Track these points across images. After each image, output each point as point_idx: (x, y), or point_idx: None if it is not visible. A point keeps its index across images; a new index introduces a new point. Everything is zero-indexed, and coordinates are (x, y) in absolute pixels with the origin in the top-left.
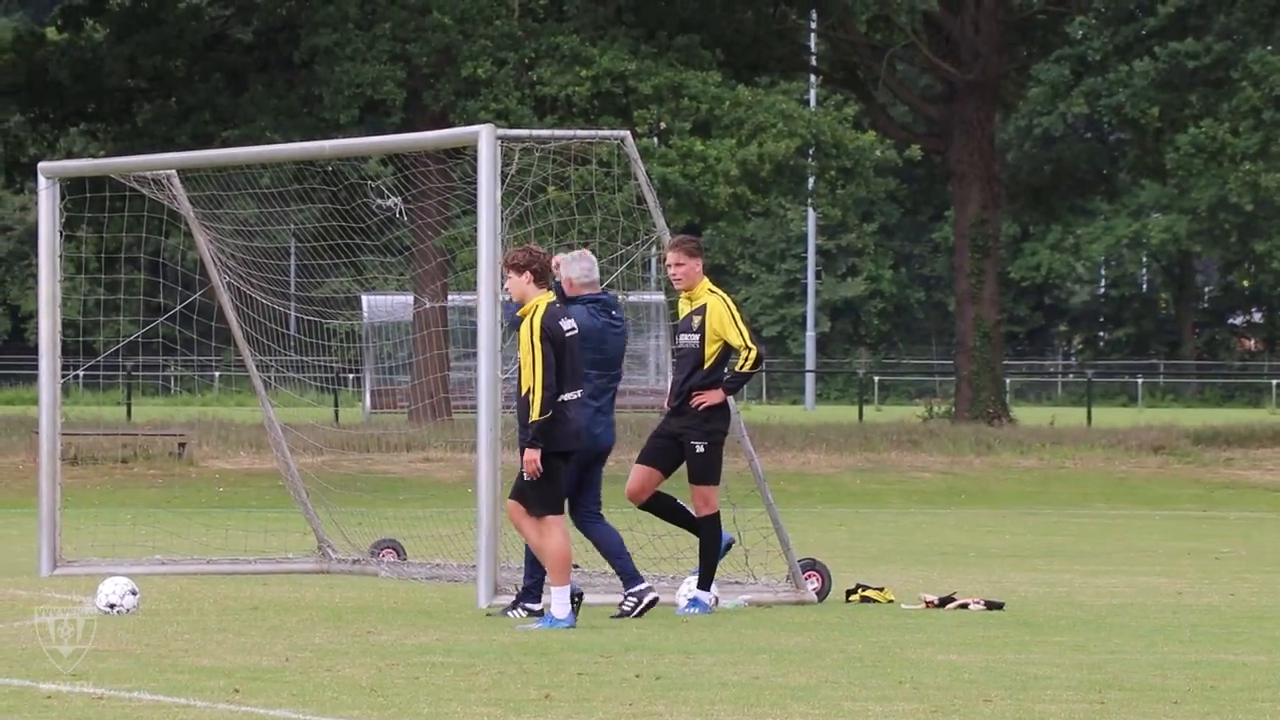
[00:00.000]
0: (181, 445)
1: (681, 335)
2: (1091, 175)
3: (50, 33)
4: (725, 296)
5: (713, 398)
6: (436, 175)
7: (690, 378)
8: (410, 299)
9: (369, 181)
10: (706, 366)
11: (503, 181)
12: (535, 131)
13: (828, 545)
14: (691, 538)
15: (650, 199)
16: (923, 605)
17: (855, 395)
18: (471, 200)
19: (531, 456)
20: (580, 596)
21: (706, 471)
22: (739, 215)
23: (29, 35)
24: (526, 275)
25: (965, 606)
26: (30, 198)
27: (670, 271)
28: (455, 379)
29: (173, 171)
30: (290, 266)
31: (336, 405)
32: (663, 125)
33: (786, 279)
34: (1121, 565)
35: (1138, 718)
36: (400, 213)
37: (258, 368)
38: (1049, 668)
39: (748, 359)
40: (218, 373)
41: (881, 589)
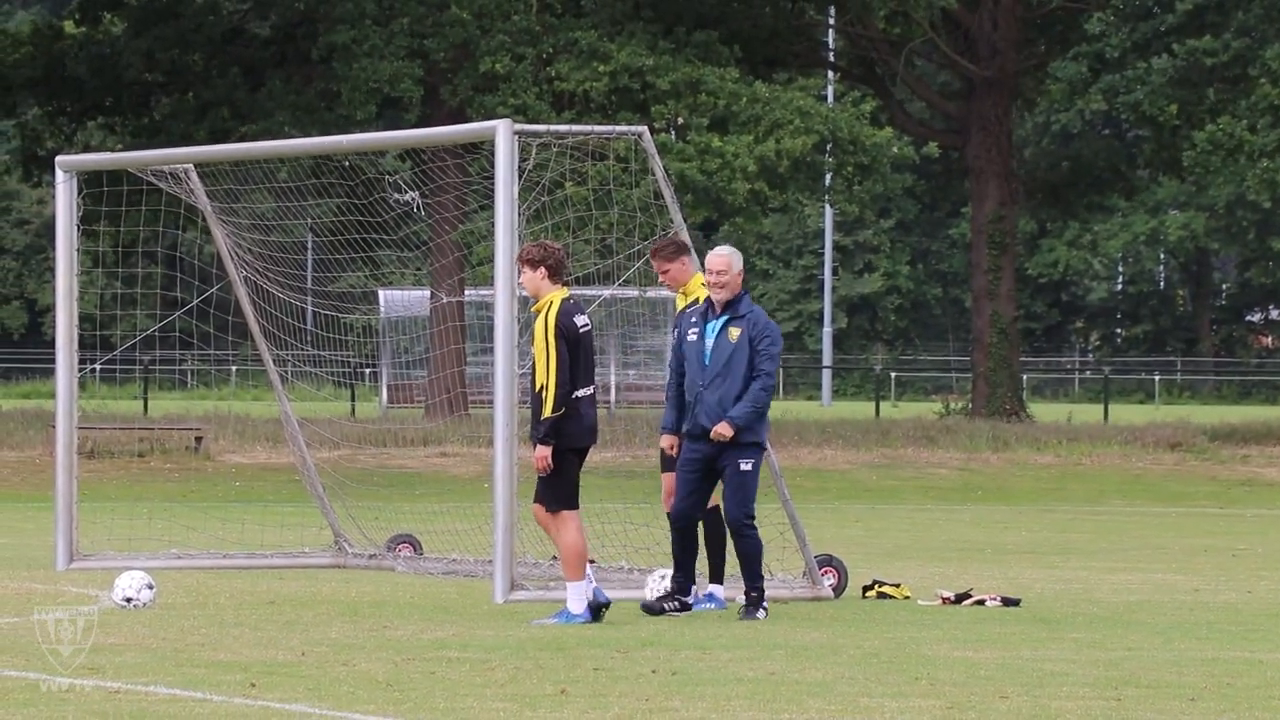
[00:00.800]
0: (198, 439)
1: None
2: (1109, 172)
3: (68, 26)
4: None
5: None
6: (454, 170)
7: None
8: (427, 294)
9: (386, 176)
10: None
11: (520, 176)
12: (553, 127)
13: (844, 541)
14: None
15: (667, 194)
16: (939, 602)
17: (872, 391)
18: (489, 195)
19: (542, 453)
20: (607, 606)
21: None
22: (756, 211)
23: (47, 29)
24: (541, 270)
25: (982, 603)
26: (48, 191)
27: (660, 279)
28: (472, 374)
29: (190, 166)
30: (307, 261)
31: (353, 400)
32: (680, 121)
33: (803, 275)
34: (1138, 562)
35: (1154, 714)
36: (417, 207)
37: (275, 362)
38: (1065, 664)
39: None
40: (234, 367)
41: (898, 585)
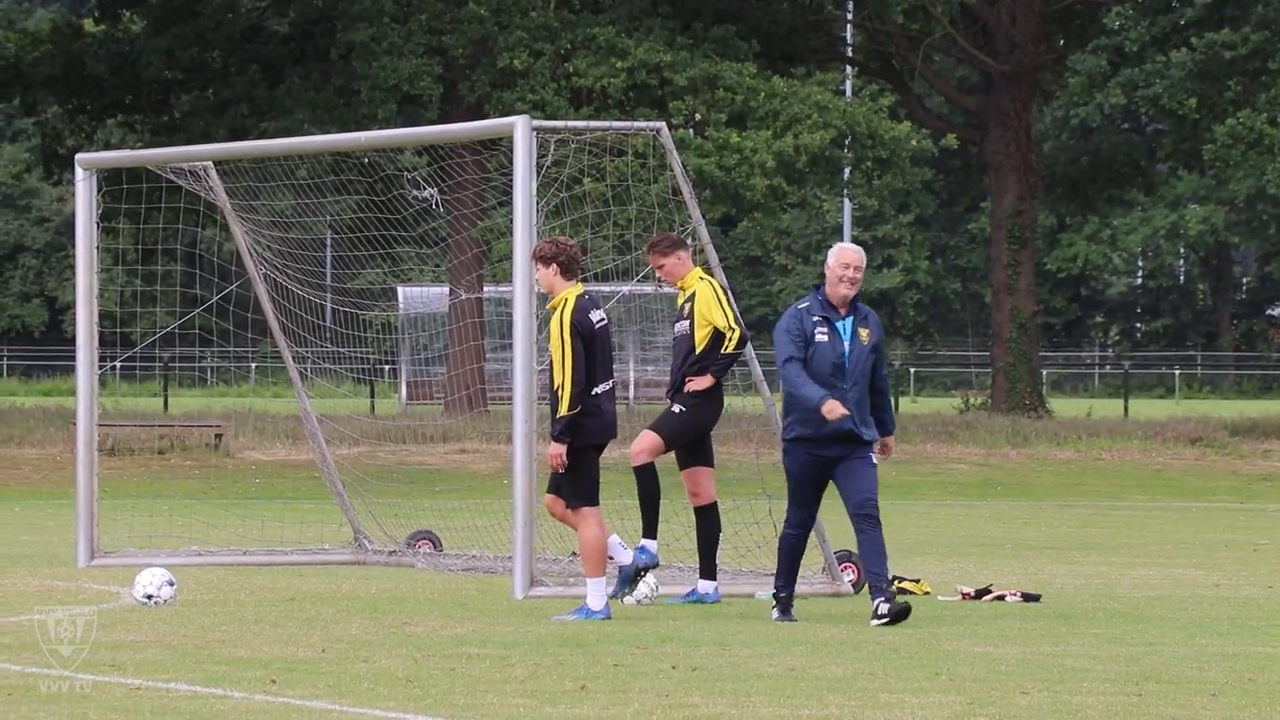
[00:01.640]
0: (218, 436)
1: (676, 324)
2: (1129, 166)
3: (88, 24)
4: (713, 281)
5: (702, 383)
6: (472, 166)
7: (684, 364)
8: (446, 290)
9: (405, 173)
10: (699, 351)
11: (538, 173)
12: (571, 123)
13: None
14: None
15: (686, 190)
16: (959, 597)
17: (891, 387)
18: (507, 191)
19: (556, 450)
20: (650, 567)
21: (667, 425)
22: (775, 206)
23: (66, 27)
24: (554, 267)
25: (1002, 598)
26: (68, 189)
27: (657, 274)
28: (491, 370)
29: (209, 163)
30: (326, 258)
31: (373, 396)
32: (698, 116)
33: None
34: (1158, 557)
35: (1175, 710)
36: (436, 204)
37: (294, 359)
38: (1086, 660)
39: (731, 339)
40: (254, 364)
41: (918, 580)
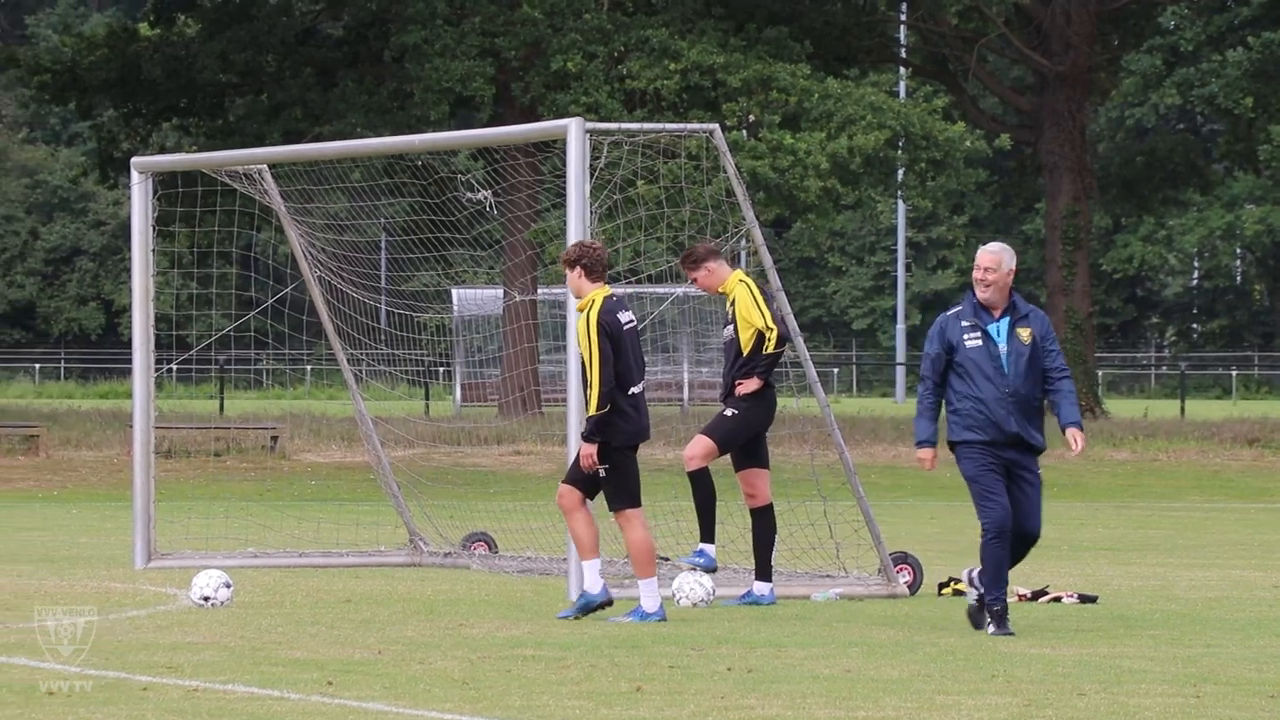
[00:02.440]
0: (274, 438)
1: (725, 329)
2: (1184, 166)
3: (143, 28)
4: (751, 283)
5: (750, 385)
6: (526, 169)
7: (732, 368)
8: (500, 292)
9: (459, 175)
10: (745, 354)
11: (592, 175)
12: (624, 125)
13: (919, 538)
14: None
15: (739, 192)
16: (1016, 599)
17: None
18: (561, 193)
19: (588, 450)
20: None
21: (720, 430)
22: (829, 208)
23: (122, 31)
24: (578, 270)
25: (1059, 600)
26: (123, 193)
27: (695, 288)
28: (545, 372)
29: (264, 166)
30: (381, 260)
31: (427, 398)
32: (752, 118)
33: (876, 271)
34: (1216, 559)
35: (1233, 712)
36: (490, 206)
37: (349, 361)
38: (1143, 661)
39: (771, 339)
40: (309, 366)
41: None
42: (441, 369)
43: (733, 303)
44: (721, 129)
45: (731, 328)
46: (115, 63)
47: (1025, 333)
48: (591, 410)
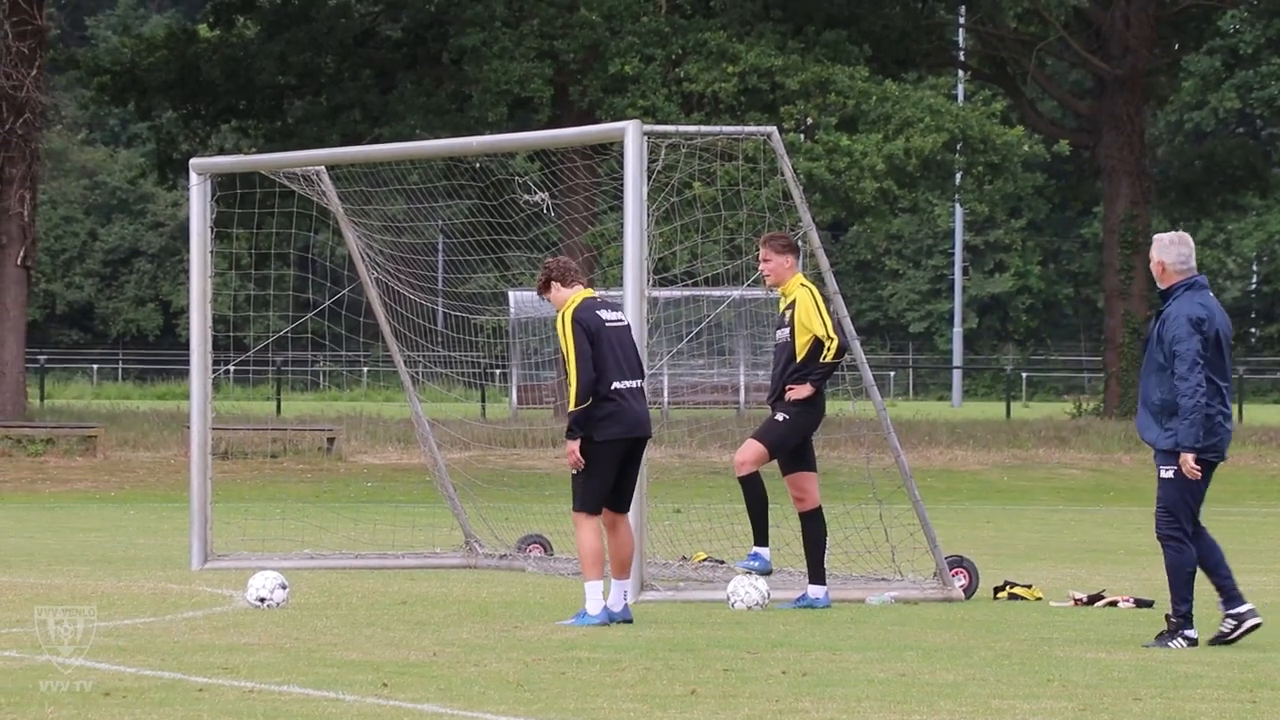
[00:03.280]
0: (330, 440)
1: (778, 331)
2: (1243, 170)
3: (202, 30)
4: (814, 289)
5: (802, 392)
6: (583, 171)
7: (784, 371)
8: None
9: (516, 178)
10: (799, 359)
11: (649, 177)
12: (682, 128)
13: (975, 542)
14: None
15: (796, 194)
16: (1071, 603)
17: (1003, 392)
18: (618, 196)
19: (570, 447)
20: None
21: (771, 434)
22: (885, 210)
23: (181, 33)
24: (552, 286)
25: (1114, 604)
26: (182, 194)
27: (760, 267)
28: None
29: (322, 168)
30: (438, 262)
31: (483, 401)
32: (809, 121)
33: (934, 275)
34: (1273, 564)
35: None
36: (547, 208)
37: (406, 363)
38: (1199, 666)
39: (829, 349)
40: (366, 368)
41: (1029, 586)
42: (498, 371)
43: (791, 305)
44: (779, 131)
45: (787, 331)
46: (174, 64)
47: (1159, 329)
48: (571, 406)
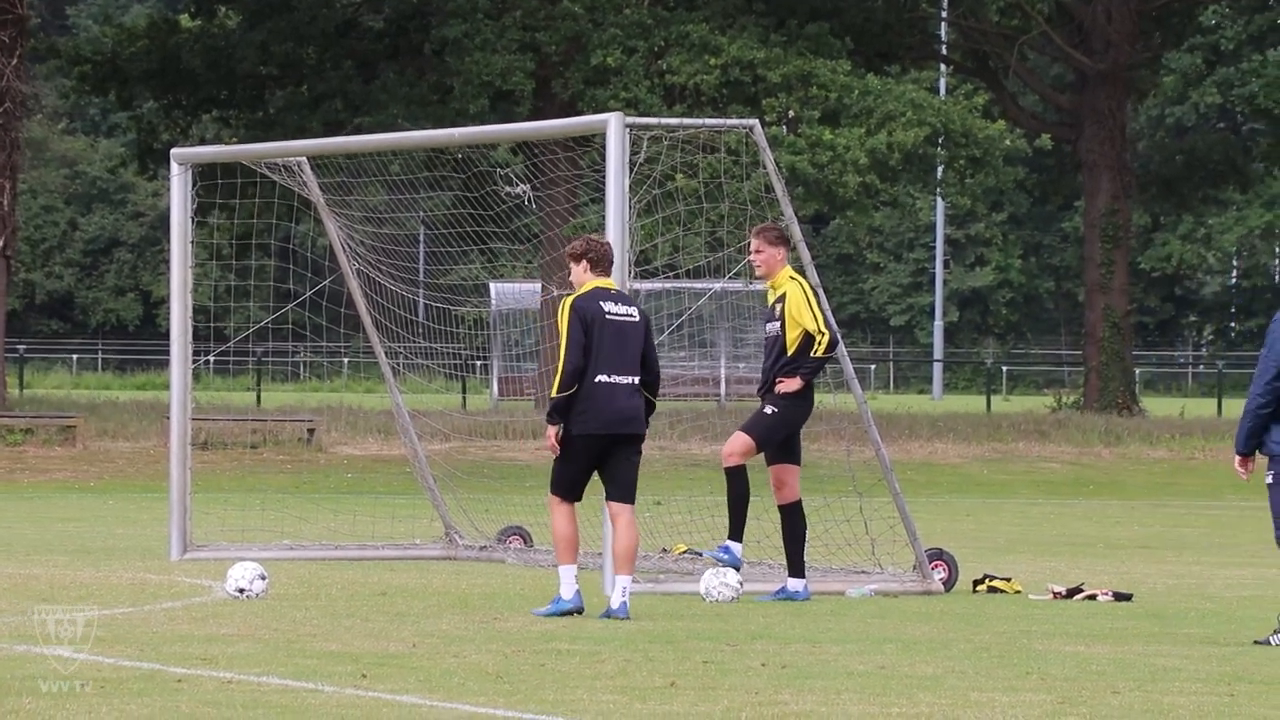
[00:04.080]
0: (310, 431)
1: (767, 324)
2: (1224, 165)
3: (184, 20)
4: (804, 283)
5: (792, 385)
6: (565, 163)
7: (775, 364)
8: (538, 286)
9: (498, 169)
10: (790, 353)
11: (631, 169)
12: (664, 120)
13: (954, 535)
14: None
15: (778, 188)
16: (1050, 596)
17: (983, 385)
18: (600, 188)
19: (548, 432)
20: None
21: (760, 427)
22: (867, 204)
23: (163, 22)
24: (584, 263)
25: (1093, 598)
26: (163, 184)
27: (750, 258)
28: None
29: (303, 158)
30: (419, 253)
31: (464, 392)
32: (791, 114)
33: (915, 268)
34: (1252, 557)
35: (1268, 711)
36: (529, 200)
37: (386, 354)
38: (1178, 660)
39: (821, 343)
40: (346, 359)
41: (1009, 579)
42: (479, 363)
43: (781, 298)
44: (761, 124)
45: (777, 324)
46: (155, 54)
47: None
48: (552, 391)
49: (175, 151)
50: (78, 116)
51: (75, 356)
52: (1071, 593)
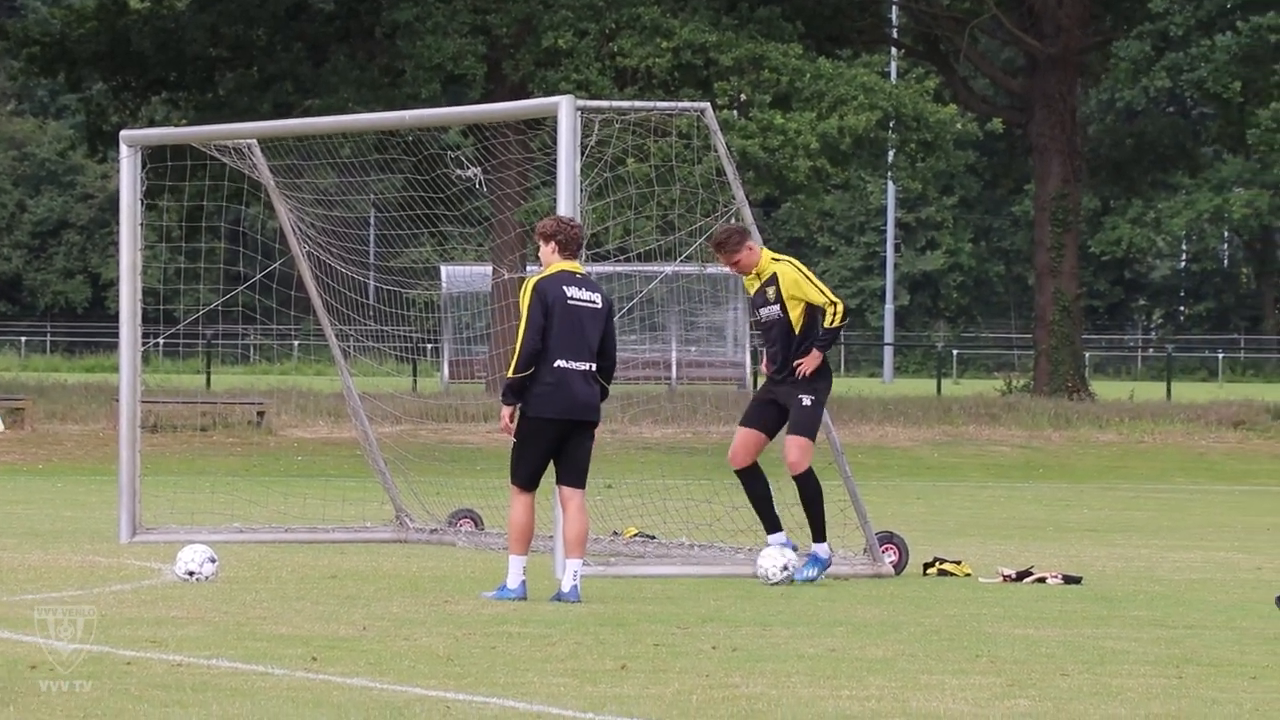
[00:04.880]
0: (260, 414)
1: (760, 310)
2: (1173, 149)
3: (133, 1)
4: (793, 260)
5: (812, 362)
6: (516, 146)
7: (789, 347)
8: (489, 270)
9: (449, 152)
10: (799, 332)
11: (582, 153)
12: (615, 103)
13: (905, 518)
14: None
15: (730, 171)
16: (1000, 579)
17: (934, 369)
18: (551, 171)
19: (503, 413)
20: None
21: (807, 423)
22: (818, 188)
23: (112, 4)
24: (552, 244)
25: (1043, 581)
26: (112, 166)
27: (731, 271)
28: None
29: (254, 141)
30: (370, 236)
31: (415, 375)
32: (743, 97)
33: (865, 252)
34: (1200, 540)
35: (1215, 693)
36: (480, 183)
37: (337, 337)
38: (1126, 642)
39: (835, 313)
40: (297, 342)
41: (959, 562)
42: (429, 345)
43: (771, 281)
44: (712, 108)
45: (775, 307)
46: (104, 35)
47: None
48: (509, 373)
49: (124, 134)
50: (26, 98)
51: (24, 339)
52: (1021, 576)
